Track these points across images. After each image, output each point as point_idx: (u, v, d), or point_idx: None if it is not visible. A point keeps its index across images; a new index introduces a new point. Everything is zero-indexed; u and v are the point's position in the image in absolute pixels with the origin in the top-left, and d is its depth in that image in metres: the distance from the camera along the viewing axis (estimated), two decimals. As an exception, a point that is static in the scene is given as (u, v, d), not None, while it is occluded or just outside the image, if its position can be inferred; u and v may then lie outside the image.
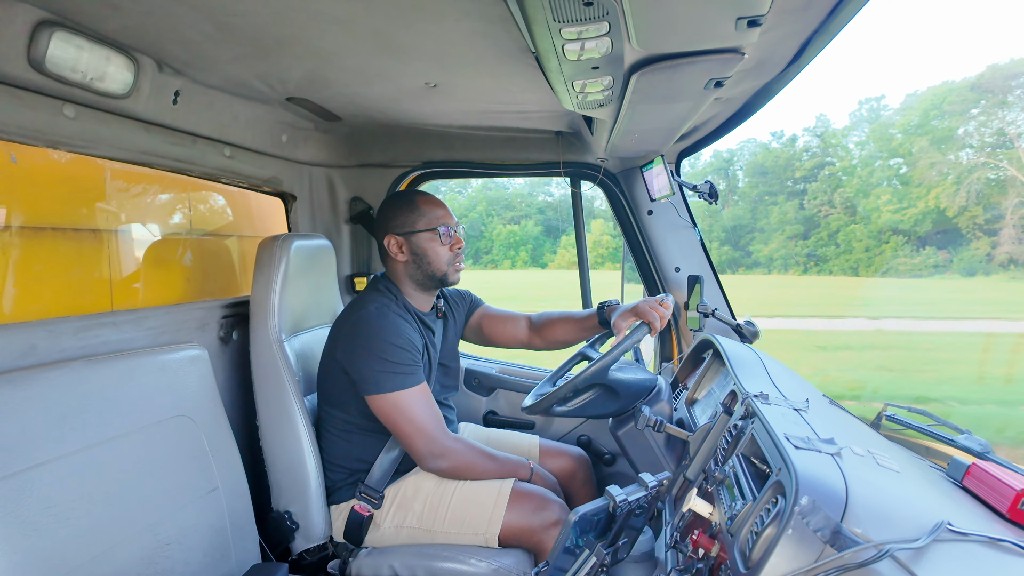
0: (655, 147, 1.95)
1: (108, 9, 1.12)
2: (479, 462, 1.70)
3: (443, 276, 1.77)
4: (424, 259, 1.75)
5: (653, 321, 1.63)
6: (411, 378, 1.62)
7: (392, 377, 1.60)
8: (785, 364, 1.76)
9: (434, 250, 1.75)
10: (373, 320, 1.64)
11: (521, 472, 1.74)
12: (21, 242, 1.40)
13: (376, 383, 1.60)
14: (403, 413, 1.61)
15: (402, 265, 1.77)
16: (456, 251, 1.78)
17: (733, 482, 1.06)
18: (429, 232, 1.74)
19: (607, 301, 1.87)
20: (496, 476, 1.71)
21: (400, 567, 1.60)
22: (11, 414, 1.10)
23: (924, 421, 1.33)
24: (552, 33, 0.99)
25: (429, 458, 1.64)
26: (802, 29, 1.17)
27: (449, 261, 1.77)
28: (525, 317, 2.06)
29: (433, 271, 1.76)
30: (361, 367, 1.61)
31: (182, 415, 1.46)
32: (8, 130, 1.19)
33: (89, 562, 1.15)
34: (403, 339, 1.63)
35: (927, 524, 0.79)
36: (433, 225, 1.74)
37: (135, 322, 1.54)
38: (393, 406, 1.61)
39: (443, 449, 1.64)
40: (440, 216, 1.76)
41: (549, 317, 2.01)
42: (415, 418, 1.61)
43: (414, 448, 1.64)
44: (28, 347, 1.25)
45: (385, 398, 1.60)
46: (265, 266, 1.76)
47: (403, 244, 1.75)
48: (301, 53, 1.36)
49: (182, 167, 1.68)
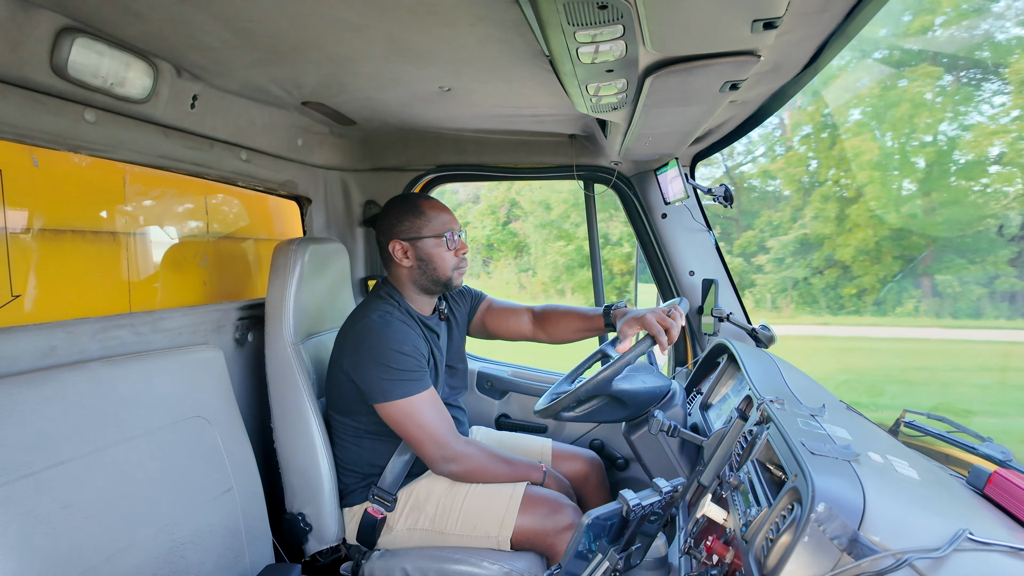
0: (669, 150, 1.94)
1: (129, 16, 1.14)
2: (491, 465, 1.70)
3: (448, 280, 1.78)
4: (430, 264, 1.75)
5: (659, 336, 1.57)
6: (418, 384, 1.62)
7: (399, 385, 1.60)
8: (801, 369, 1.74)
9: (440, 255, 1.75)
10: (377, 328, 1.64)
11: (534, 475, 1.73)
12: (42, 244, 1.43)
13: (383, 391, 1.60)
14: (412, 419, 1.61)
15: (407, 270, 1.77)
16: (461, 256, 1.79)
17: (748, 488, 1.05)
18: (435, 238, 1.74)
19: (616, 303, 1.84)
20: (509, 479, 1.70)
21: (412, 570, 1.61)
22: (31, 414, 1.11)
23: (944, 428, 1.31)
24: (566, 36, 0.99)
25: (441, 463, 1.64)
26: (818, 32, 1.17)
27: (455, 266, 1.77)
28: (528, 309, 2.04)
29: (438, 276, 1.76)
30: (368, 376, 1.61)
31: (198, 416, 1.48)
32: (31, 134, 1.21)
33: (105, 561, 1.17)
34: (408, 346, 1.63)
35: (947, 533, 0.77)
36: (440, 231, 1.74)
37: (152, 323, 1.56)
38: (402, 413, 1.61)
39: (455, 454, 1.64)
40: (446, 222, 1.76)
41: (555, 310, 1.98)
42: (425, 423, 1.61)
43: (425, 453, 1.64)
44: (48, 348, 1.27)
45: (394, 405, 1.60)
46: (280, 270, 1.78)
47: (408, 249, 1.75)
48: (317, 58, 1.37)
49: (199, 171, 1.70)
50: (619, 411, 1.67)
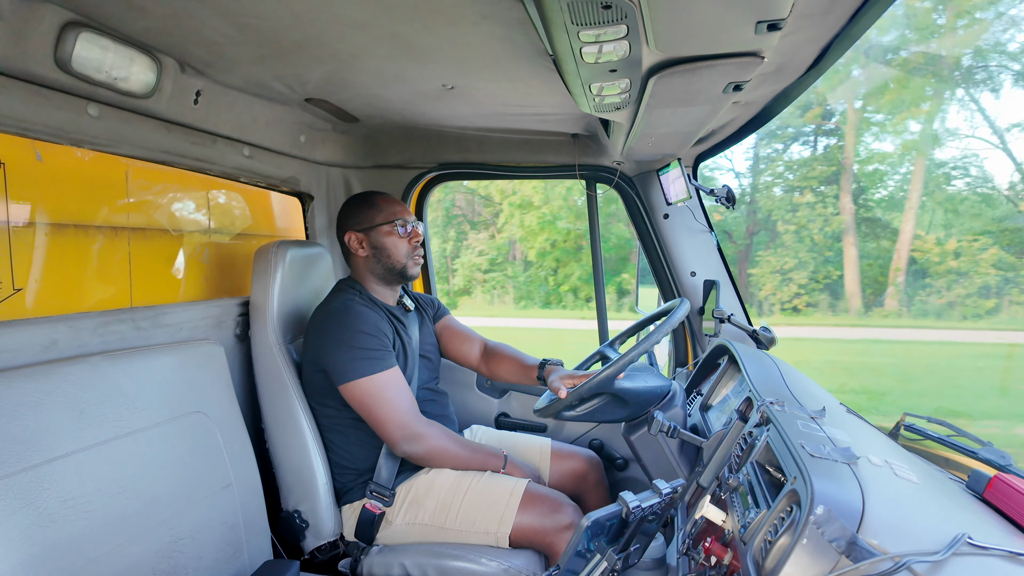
0: (672, 151, 1.94)
1: (133, 11, 1.14)
2: (451, 447, 1.72)
3: (402, 269, 1.83)
4: (383, 252, 1.81)
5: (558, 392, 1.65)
6: (380, 363, 1.66)
7: (361, 363, 1.63)
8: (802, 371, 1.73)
9: (393, 243, 1.81)
10: (338, 312, 1.70)
11: (493, 462, 1.76)
12: (44, 238, 1.43)
13: (346, 371, 1.63)
14: (374, 398, 1.64)
15: (363, 260, 1.83)
16: (414, 244, 1.84)
17: (747, 490, 1.05)
18: (387, 226, 1.80)
19: (550, 360, 1.90)
20: (469, 464, 1.73)
21: (411, 565, 1.61)
22: (32, 407, 1.12)
23: (944, 432, 1.31)
24: (570, 36, 0.99)
25: (402, 442, 1.66)
26: (823, 33, 1.16)
27: (408, 254, 1.83)
28: (482, 341, 2.10)
29: (392, 264, 1.81)
30: (332, 358, 1.65)
31: (198, 411, 1.48)
32: (34, 128, 1.22)
33: (104, 555, 1.17)
34: (369, 325, 1.67)
35: (946, 537, 0.77)
36: (391, 219, 1.80)
37: (153, 318, 1.56)
38: (364, 391, 1.64)
39: (415, 433, 1.67)
40: (398, 211, 1.83)
41: (501, 351, 2.04)
42: (386, 402, 1.64)
43: (387, 433, 1.66)
44: (49, 342, 1.27)
45: (357, 384, 1.63)
46: (261, 273, 1.81)
47: (363, 239, 1.81)
48: (320, 55, 1.37)
49: (202, 166, 1.71)
50: (619, 411, 1.67)
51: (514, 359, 1.99)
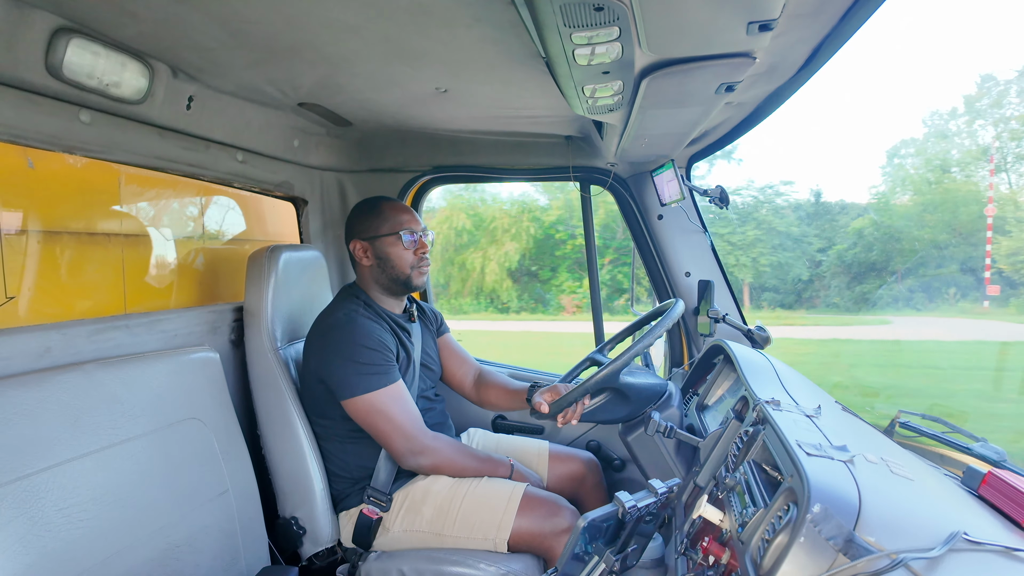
0: (666, 152, 1.95)
1: (125, 16, 1.14)
2: (459, 459, 1.72)
3: (407, 279, 1.80)
4: (388, 263, 1.78)
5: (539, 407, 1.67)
6: (384, 378, 1.64)
7: (365, 378, 1.62)
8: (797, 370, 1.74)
9: (397, 254, 1.77)
10: (341, 325, 1.67)
11: (501, 471, 1.75)
12: (37, 246, 1.42)
13: (350, 386, 1.62)
14: (380, 413, 1.63)
15: (368, 269, 1.81)
16: (421, 255, 1.80)
17: (744, 489, 1.05)
18: (392, 236, 1.77)
19: (539, 384, 1.90)
20: (476, 473, 1.72)
21: (409, 571, 1.60)
22: (25, 416, 1.11)
23: (939, 428, 1.31)
24: (562, 38, 1.00)
25: (409, 456, 1.65)
26: (814, 34, 1.17)
27: (413, 264, 1.79)
28: (476, 368, 2.09)
29: (397, 274, 1.79)
30: (335, 373, 1.63)
31: (193, 418, 1.47)
32: (26, 135, 1.21)
33: (100, 563, 1.16)
34: (373, 340, 1.65)
35: (942, 533, 0.78)
36: (396, 229, 1.77)
37: (148, 325, 1.55)
38: (370, 406, 1.62)
39: (422, 446, 1.66)
40: (404, 221, 1.79)
41: (492, 379, 2.04)
42: (393, 416, 1.63)
43: (393, 447, 1.65)
44: (43, 349, 1.27)
45: (361, 399, 1.62)
46: (255, 278, 1.79)
47: (368, 248, 1.79)
48: (313, 59, 1.37)
49: (195, 172, 1.70)
50: (619, 409, 1.67)
51: (502, 387, 1.99)
